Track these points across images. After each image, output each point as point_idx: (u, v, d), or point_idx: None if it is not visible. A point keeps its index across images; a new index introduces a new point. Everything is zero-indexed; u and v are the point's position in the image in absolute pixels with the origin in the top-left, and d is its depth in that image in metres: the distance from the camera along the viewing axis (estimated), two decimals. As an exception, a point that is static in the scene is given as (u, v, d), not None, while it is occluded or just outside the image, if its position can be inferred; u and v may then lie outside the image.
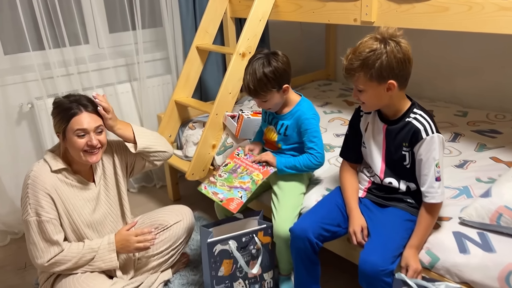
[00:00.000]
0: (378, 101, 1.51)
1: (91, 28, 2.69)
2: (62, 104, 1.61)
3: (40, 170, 1.63)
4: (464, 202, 1.65)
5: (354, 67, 1.43)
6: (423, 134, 1.47)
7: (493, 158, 1.97)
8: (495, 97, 2.62)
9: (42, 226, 1.60)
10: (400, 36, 1.42)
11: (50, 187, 1.61)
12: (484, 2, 1.62)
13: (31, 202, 1.59)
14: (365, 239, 1.55)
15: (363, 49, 1.41)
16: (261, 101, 1.80)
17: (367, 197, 1.68)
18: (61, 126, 1.61)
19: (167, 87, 2.93)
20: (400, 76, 1.43)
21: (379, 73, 1.41)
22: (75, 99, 1.63)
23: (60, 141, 1.67)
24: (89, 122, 1.61)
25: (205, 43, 2.63)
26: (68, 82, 2.54)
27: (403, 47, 1.41)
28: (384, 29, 1.42)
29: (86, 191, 1.73)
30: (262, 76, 1.72)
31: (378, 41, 1.41)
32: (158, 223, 1.93)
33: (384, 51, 1.39)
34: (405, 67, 1.42)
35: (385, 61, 1.39)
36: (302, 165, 1.82)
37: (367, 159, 1.68)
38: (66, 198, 1.66)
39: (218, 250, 1.76)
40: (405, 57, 1.41)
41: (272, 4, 2.38)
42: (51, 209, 1.61)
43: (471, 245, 1.44)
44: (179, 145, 2.69)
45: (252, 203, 2.10)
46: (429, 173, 1.47)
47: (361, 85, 1.47)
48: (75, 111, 1.59)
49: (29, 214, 1.60)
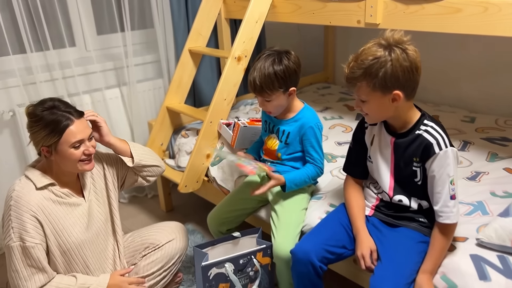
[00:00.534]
0: (382, 112, 1.38)
1: (78, 30, 2.54)
2: (45, 116, 1.44)
3: (23, 189, 1.48)
4: (480, 220, 1.53)
5: (356, 76, 1.31)
6: (436, 149, 1.33)
7: (507, 169, 1.85)
8: (503, 101, 2.50)
9: (27, 252, 1.45)
10: (407, 42, 1.30)
11: (36, 208, 1.47)
12: (501, 3, 1.49)
13: (14, 225, 1.44)
14: (374, 263, 1.42)
15: (366, 56, 1.29)
16: (264, 100, 1.67)
17: (375, 216, 1.54)
18: (51, 140, 1.45)
19: (158, 92, 2.78)
20: (407, 86, 1.30)
21: (383, 83, 1.28)
22: (52, 105, 1.47)
23: (44, 155, 1.52)
24: (83, 131, 1.49)
25: (198, 45, 2.48)
26: (53, 87, 2.38)
27: (410, 55, 1.27)
28: (390, 34, 1.29)
29: (76, 207, 1.59)
30: (271, 73, 1.60)
31: (383, 47, 1.28)
32: (149, 242, 1.79)
33: (389, 58, 1.26)
34: (412, 76, 1.29)
35: (389, 70, 1.26)
36: (310, 177, 1.70)
37: (374, 175, 1.54)
38: (55, 218, 1.52)
39: (214, 274, 1.62)
40: (412, 65, 1.28)
41: (269, 5, 2.24)
42: (36, 233, 1.47)
43: (492, 271, 1.31)
44: (171, 154, 2.55)
45: (250, 218, 1.96)
46: (442, 191, 1.34)
47: (363, 95, 1.34)
48: (67, 123, 1.45)
49: (11, 238, 1.45)
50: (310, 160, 1.71)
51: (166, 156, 2.55)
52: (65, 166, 1.52)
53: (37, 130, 1.45)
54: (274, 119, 1.78)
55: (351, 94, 3.02)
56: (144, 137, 2.77)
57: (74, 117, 1.48)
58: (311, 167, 1.70)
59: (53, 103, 1.48)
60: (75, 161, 1.50)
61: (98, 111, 2.55)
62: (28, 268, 1.47)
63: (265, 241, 1.73)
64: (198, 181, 2.22)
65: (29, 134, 1.50)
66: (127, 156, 1.73)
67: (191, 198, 2.72)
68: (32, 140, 1.50)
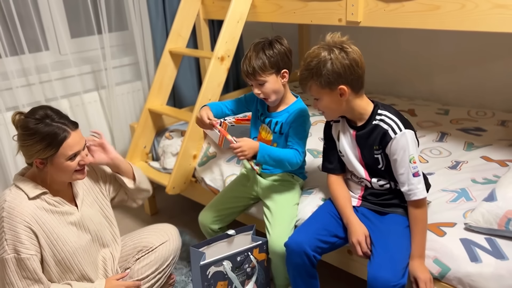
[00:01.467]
0: (335, 108, 1.50)
1: (51, 33, 2.47)
2: (40, 129, 1.39)
3: (15, 200, 1.43)
4: (465, 206, 1.61)
5: (305, 77, 1.46)
6: (391, 134, 1.45)
7: (484, 157, 1.95)
8: (474, 93, 2.63)
9: (22, 264, 1.41)
10: (347, 42, 1.44)
11: (30, 218, 1.42)
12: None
13: (8, 237, 1.40)
14: (369, 247, 1.48)
15: (311, 59, 1.43)
16: (258, 83, 1.68)
17: (363, 205, 1.61)
18: (47, 154, 1.41)
19: (137, 94, 2.75)
20: (351, 80, 1.43)
21: (328, 79, 1.41)
22: (44, 115, 1.42)
23: (36, 166, 1.47)
24: (79, 142, 1.46)
25: (179, 46, 2.48)
26: (29, 92, 2.32)
27: (349, 53, 1.41)
28: (330, 38, 1.45)
29: (69, 215, 1.55)
30: (262, 55, 1.64)
31: (323, 49, 1.42)
32: (142, 245, 1.77)
33: (329, 57, 1.40)
34: (353, 71, 1.41)
35: (330, 67, 1.40)
36: (286, 159, 1.67)
37: (349, 167, 1.63)
38: (49, 228, 1.48)
39: (212, 273, 1.63)
40: (352, 62, 1.41)
41: (250, 5, 2.26)
42: (31, 244, 1.43)
43: (482, 253, 1.38)
44: (155, 156, 2.52)
45: (241, 217, 1.97)
46: (405, 171, 1.45)
47: (314, 94, 1.49)
48: (64, 135, 1.41)
49: (5, 251, 1.40)
50: (292, 146, 1.70)
51: (150, 159, 2.52)
52: (59, 177, 1.49)
53: (32, 143, 1.40)
54: (266, 112, 1.79)
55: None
56: (124, 140, 2.73)
57: (70, 128, 1.44)
58: (291, 151, 1.69)
59: (45, 112, 1.42)
60: (71, 172, 1.47)
61: (76, 115, 2.50)
62: (23, 280, 1.43)
63: (260, 237, 1.75)
64: (185, 182, 2.21)
65: (18, 144, 1.44)
66: (128, 177, 1.72)
67: (175, 200, 2.71)
68: (24, 152, 1.44)
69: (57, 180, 1.51)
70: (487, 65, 2.55)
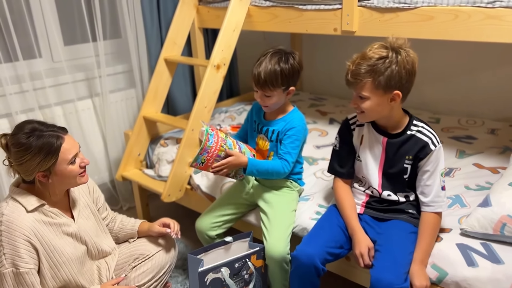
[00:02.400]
0: (378, 111, 1.46)
1: (44, 40, 2.46)
2: (33, 142, 1.37)
3: (13, 213, 1.41)
4: (460, 212, 1.64)
5: (362, 72, 1.38)
6: (431, 147, 1.46)
7: (476, 165, 1.99)
8: (463, 102, 2.68)
9: (21, 278, 1.39)
10: (408, 46, 1.40)
11: (29, 232, 1.41)
12: (470, 10, 1.62)
13: (7, 251, 1.38)
14: (372, 260, 1.48)
15: (373, 55, 1.37)
16: (264, 95, 1.69)
17: (366, 213, 1.61)
18: (48, 163, 1.40)
19: (131, 102, 2.75)
20: (405, 87, 1.41)
21: (388, 82, 1.37)
22: (32, 128, 1.40)
23: (39, 180, 1.44)
24: (74, 144, 1.47)
25: (174, 54, 2.49)
26: (23, 99, 2.29)
27: (413, 58, 1.39)
28: (393, 40, 1.39)
29: (66, 226, 1.54)
30: (277, 70, 1.64)
31: (389, 49, 1.38)
32: (139, 253, 1.75)
33: (395, 60, 1.36)
34: (411, 79, 1.41)
35: (395, 70, 1.36)
36: (273, 171, 1.72)
37: (362, 173, 1.62)
38: (47, 241, 1.46)
39: (210, 279, 1.62)
40: (413, 69, 1.39)
41: (245, 14, 2.29)
42: (30, 257, 1.41)
43: (478, 257, 1.41)
44: (149, 164, 2.51)
45: (238, 224, 1.97)
46: (434, 184, 1.46)
47: (366, 92, 1.41)
48: (59, 142, 1.41)
49: (3, 265, 1.38)
50: (282, 154, 1.73)
51: (144, 166, 2.51)
52: (65, 184, 1.49)
53: (30, 158, 1.38)
54: (263, 120, 1.81)
55: (320, 99, 3.13)
56: (117, 148, 2.72)
57: (62, 134, 1.44)
58: (278, 161, 1.72)
59: (32, 126, 1.41)
60: (75, 177, 1.48)
61: (70, 123, 2.49)
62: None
63: (258, 243, 1.75)
64: (181, 190, 2.21)
65: (14, 165, 1.42)
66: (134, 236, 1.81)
67: (168, 208, 2.70)
68: (23, 171, 1.42)
69: (61, 189, 1.51)
70: (477, 75, 2.61)
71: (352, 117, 1.63)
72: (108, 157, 2.71)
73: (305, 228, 1.72)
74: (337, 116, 2.73)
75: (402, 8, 1.78)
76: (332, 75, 3.25)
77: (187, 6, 2.49)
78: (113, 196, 2.78)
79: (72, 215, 1.59)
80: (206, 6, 2.49)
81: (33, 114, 2.30)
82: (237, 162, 1.70)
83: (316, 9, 2.04)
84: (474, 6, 1.61)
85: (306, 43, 3.37)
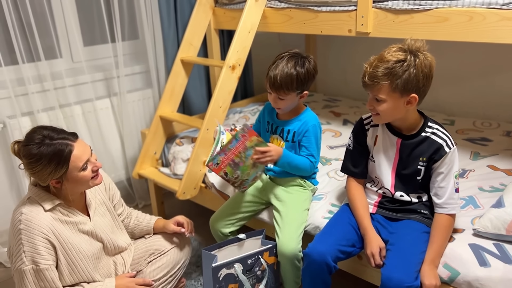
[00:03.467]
0: (394, 113, 1.47)
1: (65, 41, 2.53)
2: (44, 152, 1.40)
3: (31, 212, 1.46)
4: (473, 213, 1.64)
5: (380, 75, 1.38)
6: (446, 149, 1.46)
7: (490, 166, 1.99)
8: (479, 104, 2.67)
9: (41, 274, 1.45)
10: (426, 50, 1.40)
11: (48, 230, 1.46)
12: (485, 12, 1.62)
13: (26, 249, 1.43)
14: (383, 260, 1.49)
15: (391, 58, 1.37)
16: (278, 97, 1.72)
17: (378, 213, 1.63)
18: (59, 172, 1.44)
19: (148, 101, 2.80)
20: (422, 91, 1.41)
21: (405, 85, 1.37)
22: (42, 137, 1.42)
23: (53, 186, 1.50)
24: (85, 149, 1.50)
25: (190, 55, 2.53)
26: (44, 98, 2.36)
27: (430, 62, 1.39)
28: (412, 42, 1.39)
29: (82, 224, 1.59)
30: (294, 74, 1.66)
31: (407, 52, 1.38)
32: (154, 248, 1.80)
33: (413, 63, 1.36)
34: (428, 82, 1.41)
35: (413, 73, 1.36)
36: (302, 168, 1.75)
37: (375, 173, 1.63)
38: (65, 238, 1.51)
39: (223, 275, 1.65)
40: (430, 72, 1.40)
41: (261, 16, 2.32)
42: (49, 255, 1.46)
43: (490, 257, 1.41)
44: (165, 162, 2.56)
45: (252, 222, 2.00)
46: (448, 185, 1.46)
47: (382, 95, 1.41)
48: (69, 150, 1.44)
49: (23, 262, 1.43)
50: (306, 155, 1.76)
51: (160, 165, 2.56)
52: (79, 188, 1.54)
53: (41, 168, 1.42)
54: (277, 120, 1.84)
55: (334, 101, 3.14)
56: (134, 146, 2.77)
57: (72, 141, 1.46)
58: (307, 161, 1.76)
59: (41, 134, 1.43)
60: (87, 181, 1.52)
61: (88, 121, 2.55)
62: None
63: (270, 241, 1.78)
64: (195, 188, 2.24)
65: (29, 173, 1.47)
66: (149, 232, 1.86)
67: (183, 206, 2.74)
68: (37, 178, 1.47)
69: (76, 192, 1.55)
70: (492, 77, 2.59)
71: (367, 117, 1.64)
72: (125, 155, 2.76)
73: (318, 227, 1.74)
74: (351, 117, 2.75)
75: (416, 9, 1.79)
76: (346, 76, 3.26)
77: (204, 7, 2.53)
78: (129, 194, 2.84)
79: (88, 213, 1.64)
80: (222, 7, 2.53)
81: (53, 112, 2.37)
82: (277, 151, 1.69)
83: (331, 11, 2.06)
84: (489, 7, 1.61)
85: (320, 44, 3.38)
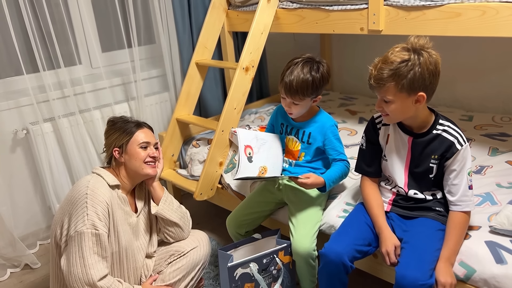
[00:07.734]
0: (404, 113, 1.46)
1: (84, 48, 2.61)
2: (119, 123, 1.70)
3: (97, 183, 1.58)
4: (490, 210, 1.62)
5: (385, 77, 1.38)
6: (458, 146, 1.45)
7: (509, 162, 1.95)
8: (498, 99, 2.62)
9: (98, 239, 1.52)
10: (431, 47, 1.39)
11: (109, 201, 1.57)
12: (498, 6, 1.60)
13: (89, 213, 1.51)
14: (398, 258, 1.49)
15: (395, 59, 1.37)
16: (293, 102, 1.73)
17: (392, 211, 1.62)
18: (123, 139, 1.65)
19: (165, 105, 2.86)
20: (430, 88, 1.40)
21: (411, 84, 1.37)
22: (126, 119, 1.73)
23: (114, 156, 1.68)
24: (151, 136, 1.72)
25: (205, 58, 2.57)
26: (65, 104, 2.44)
27: (435, 59, 1.38)
28: (415, 40, 1.39)
29: (129, 217, 1.69)
30: (309, 79, 1.67)
31: (410, 51, 1.37)
32: (174, 249, 1.83)
33: (418, 62, 1.35)
34: (435, 79, 1.40)
35: (418, 72, 1.35)
36: (343, 174, 1.77)
37: (388, 172, 1.63)
38: (116, 219, 1.61)
39: (239, 274, 1.68)
40: (436, 69, 1.39)
41: (273, 17, 2.34)
42: (106, 224, 1.56)
43: (507, 255, 1.39)
44: (182, 164, 2.61)
45: (267, 221, 2.02)
46: (461, 183, 1.45)
47: (389, 96, 1.41)
48: (136, 127, 1.68)
49: (84, 225, 1.50)
50: (337, 157, 1.77)
51: (177, 166, 2.60)
52: (132, 165, 1.67)
53: (112, 132, 1.68)
54: (292, 122, 1.86)
55: (350, 99, 3.13)
56: (153, 150, 2.83)
57: (144, 126, 1.72)
58: (340, 163, 1.76)
59: (126, 118, 1.75)
60: (141, 161, 1.66)
61: (108, 126, 2.61)
62: (93, 256, 1.52)
63: (285, 240, 1.79)
64: (212, 189, 2.28)
65: (105, 143, 1.72)
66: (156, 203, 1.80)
67: (200, 207, 2.78)
68: (107, 144, 1.70)
69: (129, 175, 1.68)
70: (510, 71, 2.54)
71: (378, 116, 1.64)
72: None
73: (332, 226, 1.74)
74: (366, 115, 2.73)
75: (428, 5, 1.78)
76: (362, 73, 3.22)
77: (217, 11, 2.57)
78: (149, 196, 2.90)
79: (136, 209, 1.74)
80: (235, 10, 2.56)
81: (74, 118, 2.45)
82: (316, 182, 1.69)
83: (343, 10, 2.07)
84: (502, 1, 1.59)
85: (335, 42, 3.38)
